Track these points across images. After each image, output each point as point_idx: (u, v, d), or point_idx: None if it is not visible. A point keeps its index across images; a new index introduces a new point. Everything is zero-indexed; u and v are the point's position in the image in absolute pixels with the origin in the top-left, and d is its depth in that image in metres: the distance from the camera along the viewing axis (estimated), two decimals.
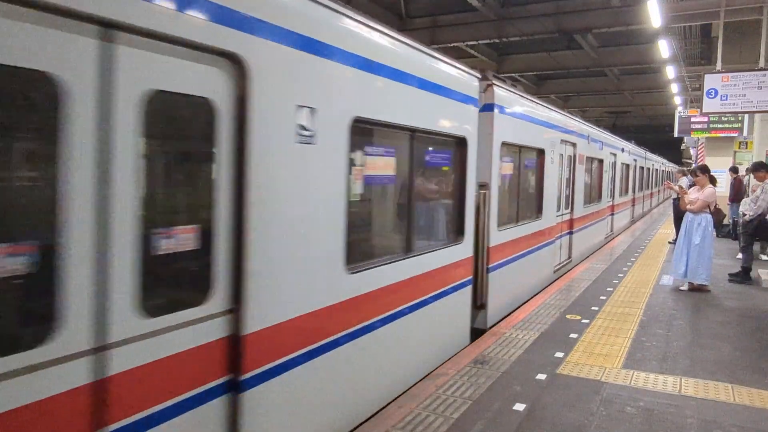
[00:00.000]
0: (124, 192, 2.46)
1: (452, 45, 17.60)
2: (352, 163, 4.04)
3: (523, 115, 7.94)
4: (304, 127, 3.45)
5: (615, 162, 16.05)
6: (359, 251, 4.29)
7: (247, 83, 2.99)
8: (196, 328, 2.82)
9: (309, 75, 3.50)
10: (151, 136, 2.62)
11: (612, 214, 16.11)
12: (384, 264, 4.50)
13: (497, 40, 17.53)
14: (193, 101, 2.79)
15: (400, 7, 16.61)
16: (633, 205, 20.25)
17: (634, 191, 20.36)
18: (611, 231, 16.17)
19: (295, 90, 3.38)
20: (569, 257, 11.24)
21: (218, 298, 2.94)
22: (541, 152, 8.97)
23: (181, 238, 2.80)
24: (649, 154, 26.13)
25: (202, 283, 2.89)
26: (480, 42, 18.06)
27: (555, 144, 9.61)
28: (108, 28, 2.36)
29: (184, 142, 3.11)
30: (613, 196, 16.00)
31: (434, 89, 5.23)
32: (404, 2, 16.60)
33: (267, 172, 3.17)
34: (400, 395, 4.71)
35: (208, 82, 2.83)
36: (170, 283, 2.90)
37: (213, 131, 2.89)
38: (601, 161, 13.95)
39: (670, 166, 38.23)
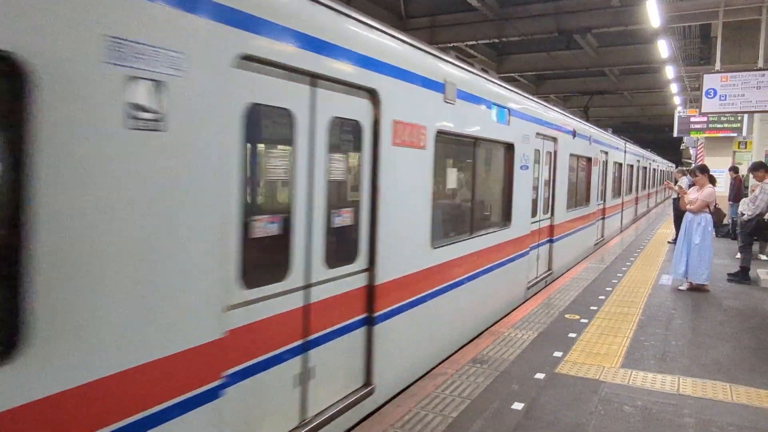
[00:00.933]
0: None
1: (452, 45, 17.60)
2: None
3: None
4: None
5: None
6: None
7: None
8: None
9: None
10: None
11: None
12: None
13: (497, 40, 17.54)
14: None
15: (399, 7, 16.62)
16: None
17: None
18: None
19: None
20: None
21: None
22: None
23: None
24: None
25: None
26: (479, 42, 18.07)
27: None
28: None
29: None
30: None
31: None
32: (404, 2, 16.61)
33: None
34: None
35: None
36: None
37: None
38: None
39: (662, 162, 34.95)
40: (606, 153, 14.23)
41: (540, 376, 5.15)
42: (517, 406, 4.50)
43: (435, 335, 5.54)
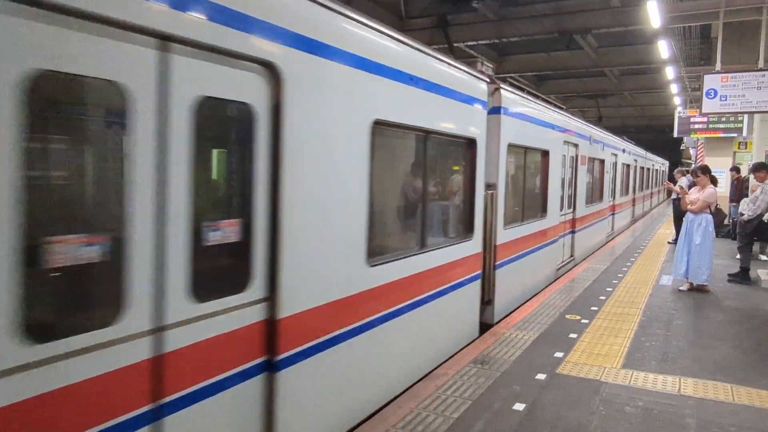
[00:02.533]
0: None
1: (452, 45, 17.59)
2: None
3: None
4: None
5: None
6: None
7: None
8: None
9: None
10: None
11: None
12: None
13: (497, 41, 17.53)
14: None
15: (400, 7, 16.61)
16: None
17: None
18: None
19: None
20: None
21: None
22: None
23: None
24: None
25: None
26: (479, 42, 18.06)
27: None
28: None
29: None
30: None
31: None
32: (404, 2, 16.60)
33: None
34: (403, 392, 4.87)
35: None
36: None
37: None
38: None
39: (656, 161, 31.50)
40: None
41: (541, 376, 5.15)
42: (519, 406, 4.50)
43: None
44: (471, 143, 6.27)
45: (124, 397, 2.53)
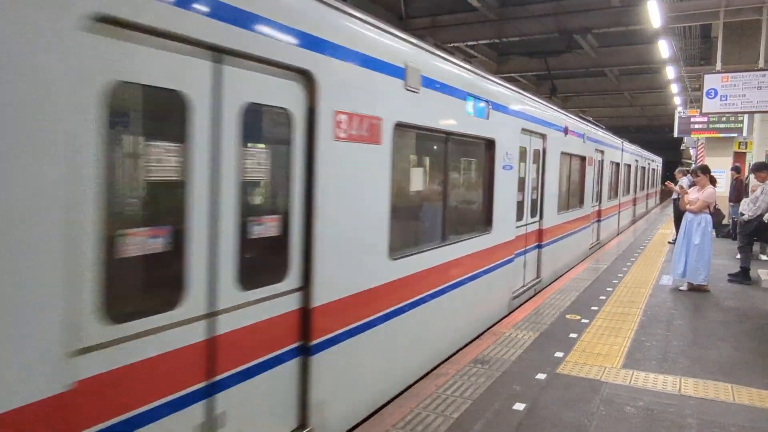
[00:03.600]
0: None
1: (452, 45, 17.60)
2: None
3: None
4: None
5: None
6: None
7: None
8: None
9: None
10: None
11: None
12: None
13: (497, 41, 17.53)
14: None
15: (400, 7, 16.61)
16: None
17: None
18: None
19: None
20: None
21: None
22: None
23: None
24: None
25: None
26: (480, 42, 18.06)
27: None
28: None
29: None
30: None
31: None
32: (404, 3, 16.60)
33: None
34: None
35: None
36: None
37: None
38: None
39: (647, 156, 26.90)
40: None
41: (541, 376, 5.15)
42: (519, 406, 4.49)
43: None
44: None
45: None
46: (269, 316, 3.38)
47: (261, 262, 3.44)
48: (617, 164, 16.46)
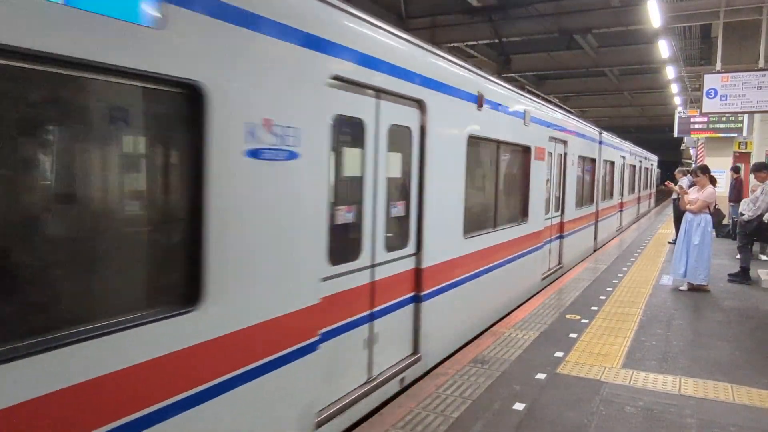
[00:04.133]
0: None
1: (452, 45, 17.60)
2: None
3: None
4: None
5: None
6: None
7: None
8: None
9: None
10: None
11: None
12: None
13: (497, 41, 17.53)
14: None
15: (400, 7, 16.61)
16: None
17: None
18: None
19: None
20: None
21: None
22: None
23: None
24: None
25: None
26: (480, 42, 18.06)
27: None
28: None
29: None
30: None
31: None
32: (404, 2, 16.60)
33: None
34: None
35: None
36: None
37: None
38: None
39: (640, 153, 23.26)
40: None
41: (541, 376, 5.15)
42: (519, 406, 4.49)
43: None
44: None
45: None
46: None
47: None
48: (592, 160, 13.22)
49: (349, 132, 4.31)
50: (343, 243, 4.21)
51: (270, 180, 3.28)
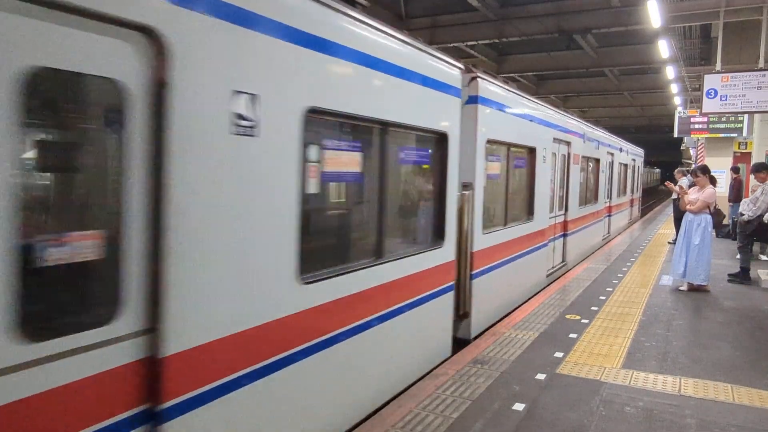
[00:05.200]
0: None
1: (452, 45, 17.60)
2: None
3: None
4: None
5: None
6: None
7: None
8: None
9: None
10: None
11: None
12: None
13: (497, 41, 17.53)
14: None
15: (399, 7, 16.61)
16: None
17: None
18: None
19: None
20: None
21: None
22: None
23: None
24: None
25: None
26: (480, 42, 18.06)
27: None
28: None
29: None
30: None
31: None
32: (404, 3, 16.60)
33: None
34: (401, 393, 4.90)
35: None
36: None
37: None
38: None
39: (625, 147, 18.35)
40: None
41: (541, 376, 5.14)
42: (518, 406, 4.49)
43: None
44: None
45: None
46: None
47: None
48: (552, 155, 9.74)
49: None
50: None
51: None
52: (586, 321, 7.04)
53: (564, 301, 8.04)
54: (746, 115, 17.17)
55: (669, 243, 14.36)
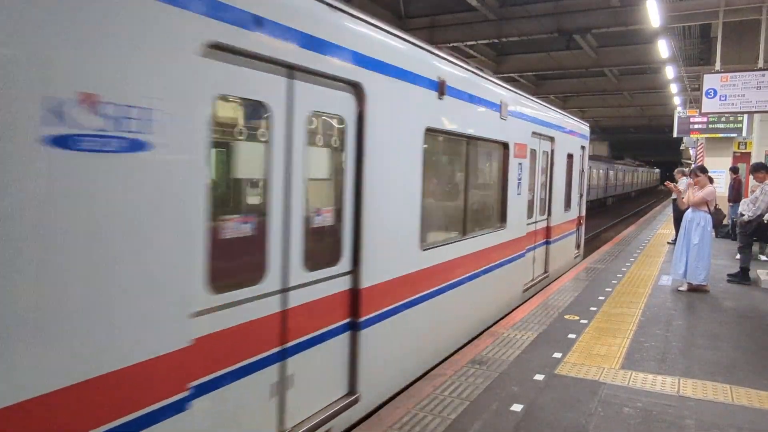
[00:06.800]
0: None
1: (451, 45, 17.59)
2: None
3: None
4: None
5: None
6: None
7: None
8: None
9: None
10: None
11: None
12: None
13: (496, 41, 17.52)
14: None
15: (399, 6, 16.60)
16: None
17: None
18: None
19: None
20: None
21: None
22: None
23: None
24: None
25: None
26: (479, 42, 18.06)
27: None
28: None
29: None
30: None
31: None
32: (403, 2, 16.59)
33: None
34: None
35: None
36: None
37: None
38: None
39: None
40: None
41: (539, 377, 5.12)
42: (517, 407, 4.47)
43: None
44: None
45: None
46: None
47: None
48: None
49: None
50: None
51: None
52: (585, 321, 7.02)
53: (562, 302, 8.02)
54: (746, 115, 17.16)
55: (668, 243, 14.35)
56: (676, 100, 24.26)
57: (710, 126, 19.03)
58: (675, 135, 21.89)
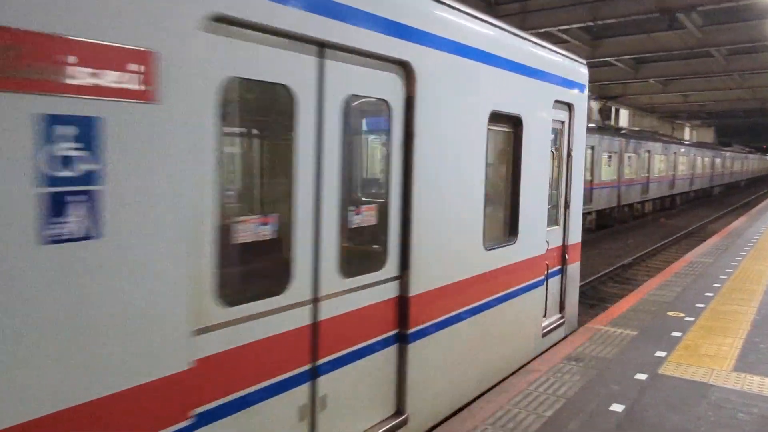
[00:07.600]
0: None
1: (543, 30, 16.99)
2: None
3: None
4: None
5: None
6: None
7: None
8: None
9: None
10: None
11: None
12: None
13: (591, 23, 16.72)
14: None
15: None
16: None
17: None
18: None
19: None
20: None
21: None
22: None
23: None
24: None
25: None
26: (573, 26, 17.32)
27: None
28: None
29: None
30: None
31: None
32: None
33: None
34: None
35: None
36: None
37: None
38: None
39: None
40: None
41: (641, 376, 4.85)
42: (617, 407, 4.26)
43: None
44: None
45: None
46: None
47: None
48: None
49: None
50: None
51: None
52: (691, 319, 6.58)
53: (665, 297, 7.56)
54: None
55: None
56: None
57: None
58: None
